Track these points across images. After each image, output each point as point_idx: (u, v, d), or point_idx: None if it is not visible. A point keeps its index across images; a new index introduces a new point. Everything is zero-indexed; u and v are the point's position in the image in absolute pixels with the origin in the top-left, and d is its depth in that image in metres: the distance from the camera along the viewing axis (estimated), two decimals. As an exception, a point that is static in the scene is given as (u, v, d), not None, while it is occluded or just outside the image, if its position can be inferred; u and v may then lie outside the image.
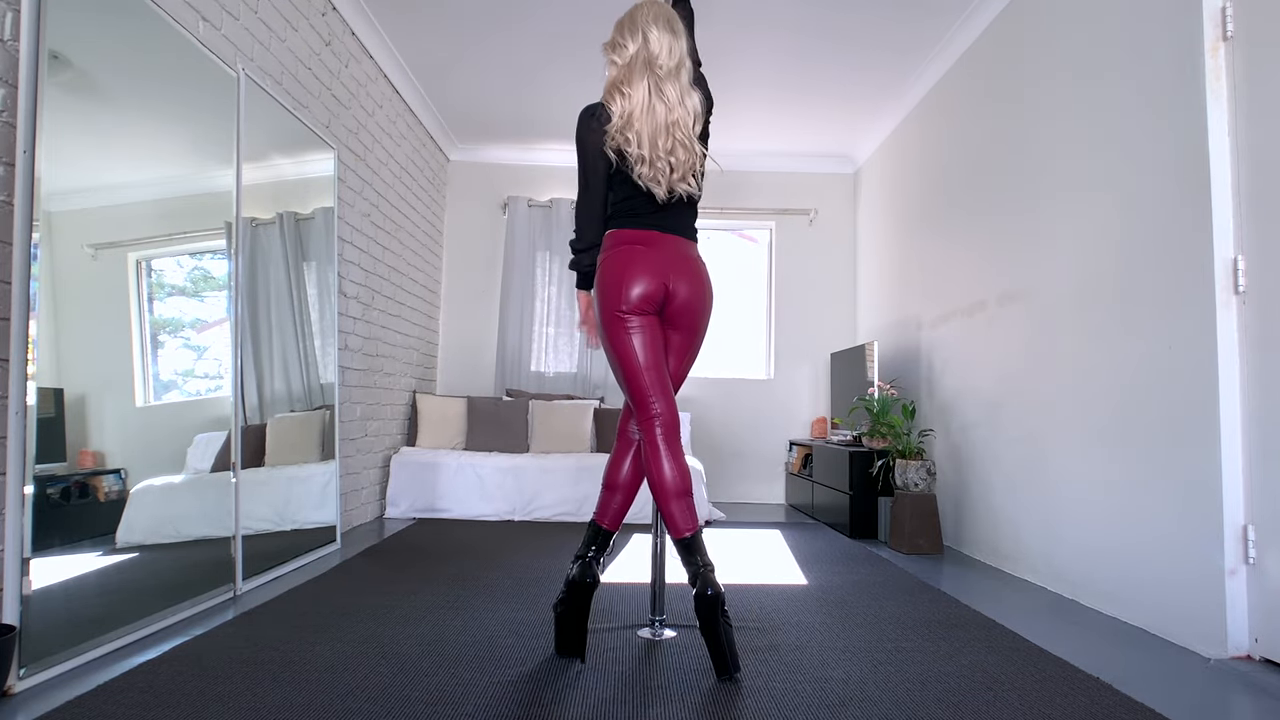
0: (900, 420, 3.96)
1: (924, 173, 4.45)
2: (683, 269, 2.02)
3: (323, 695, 1.72)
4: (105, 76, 2.14)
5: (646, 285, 1.97)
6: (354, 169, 3.95)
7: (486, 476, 4.50)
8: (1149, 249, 2.47)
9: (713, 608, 1.81)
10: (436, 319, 5.71)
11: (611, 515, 2.10)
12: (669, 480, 1.94)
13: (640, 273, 1.97)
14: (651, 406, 1.98)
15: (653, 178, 1.96)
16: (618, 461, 2.13)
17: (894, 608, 2.58)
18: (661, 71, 1.95)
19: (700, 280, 2.06)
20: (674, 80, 1.95)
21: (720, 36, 4.01)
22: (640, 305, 1.98)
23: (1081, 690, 1.83)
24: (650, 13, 2.00)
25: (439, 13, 3.88)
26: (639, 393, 1.99)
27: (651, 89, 1.93)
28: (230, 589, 2.60)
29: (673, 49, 1.97)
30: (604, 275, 2.01)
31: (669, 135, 1.94)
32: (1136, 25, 2.55)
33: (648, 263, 1.98)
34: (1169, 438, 2.36)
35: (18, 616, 1.75)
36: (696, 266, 2.07)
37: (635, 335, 1.98)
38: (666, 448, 1.96)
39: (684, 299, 2.03)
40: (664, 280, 1.99)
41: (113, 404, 2.16)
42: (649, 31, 1.96)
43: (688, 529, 1.92)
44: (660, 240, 2.02)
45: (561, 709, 1.67)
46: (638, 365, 1.98)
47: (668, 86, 1.94)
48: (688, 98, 1.96)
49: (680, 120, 1.94)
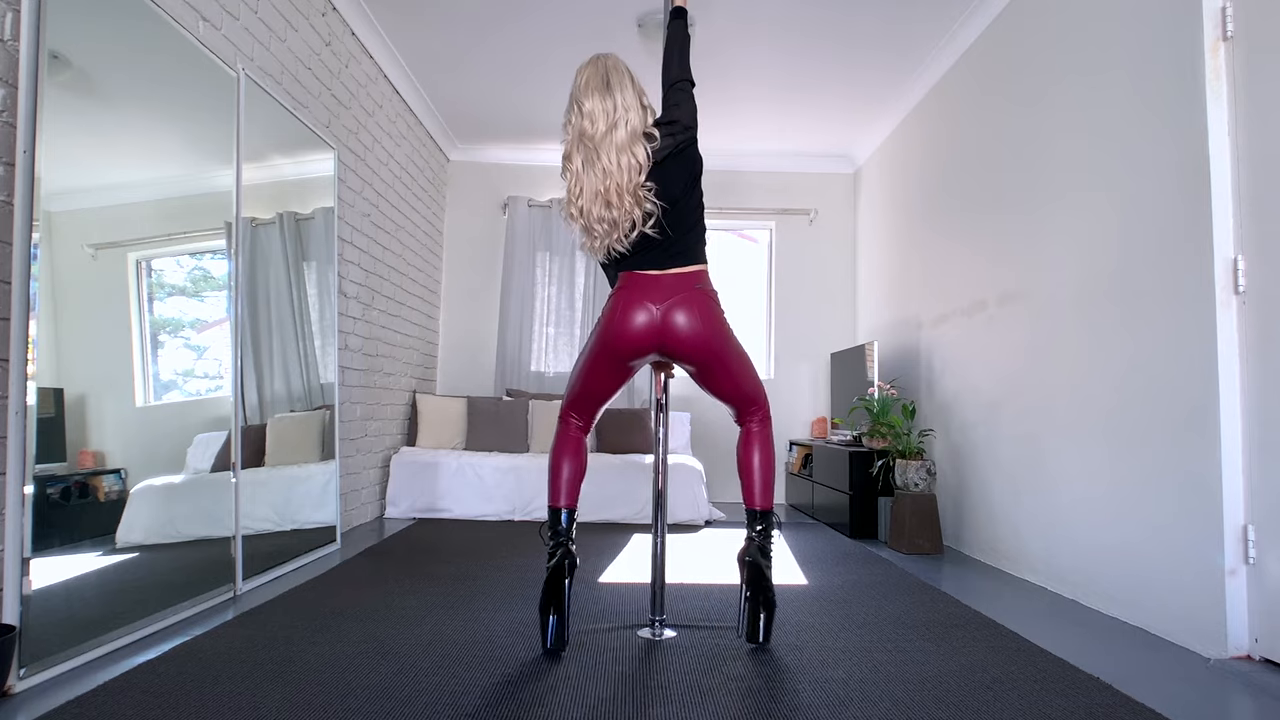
0: (900, 420, 3.96)
1: (924, 172, 4.45)
2: (680, 307, 2.08)
3: (323, 695, 1.72)
4: (105, 76, 2.14)
5: (640, 330, 2.08)
6: (354, 169, 3.95)
7: (486, 476, 4.50)
8: (1149, 249, 2.47)
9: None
10: (436, 319, 5.71)
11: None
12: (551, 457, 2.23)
13: (635, 319, 2.08)
14: (573, 418, 2.24)
15: (591, 246, 2.10)
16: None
17: (894, 608, 2.58)
18: (593, 141, 2.04)
19: (694, 313, 2.09)
20: (607, 144, 2.03)
21: (721, 36, 4.01)
22: (629, 353, 2.11)
23: (1081, 690, 1.83)
24: (584, 78, 2.11)
25: (439, 13, 3.88)
26: (572, 402, 2.23)
27: (587, 162, 2.04)
28: (230, 589, 2.60)
29: (605, 113, 2.04)
30: (607, 310, 2.14)
31: (604, 201, 2.02)
32: (1136, 25, 2.55)
33: (639, 315, 2.07)
34: (1169, 437, 2.36)
35: (18, 616, 1.75)
36: (689, 300, 2.09)
37: (600, 368, 2.15)
38: (574, 442, 2.23)
39: (684, 336, 2.09)
40: (656, 330, 2.08)
41: (113, 404, 2.16)
42: (582, 103, 2.07)
43: (551, 503, 2.17)
44: (648, 281, 2.09)
45: (561, 709, 1.67)
46: (584, 386, 2.19)
47: (601, 153, 2.02)
48: (624, 156, 2.02)
49: (615, 185, 2.01)
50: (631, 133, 2.04)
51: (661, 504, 2.31)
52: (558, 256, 5.74)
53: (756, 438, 2.23)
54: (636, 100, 2.09)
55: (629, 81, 2.10)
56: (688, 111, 2.19)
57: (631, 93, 2.09)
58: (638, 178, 2.02)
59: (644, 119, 2.08)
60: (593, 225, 2.04)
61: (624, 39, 4.05)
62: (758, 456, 2.21)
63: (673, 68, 2.28)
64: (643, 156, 2.03)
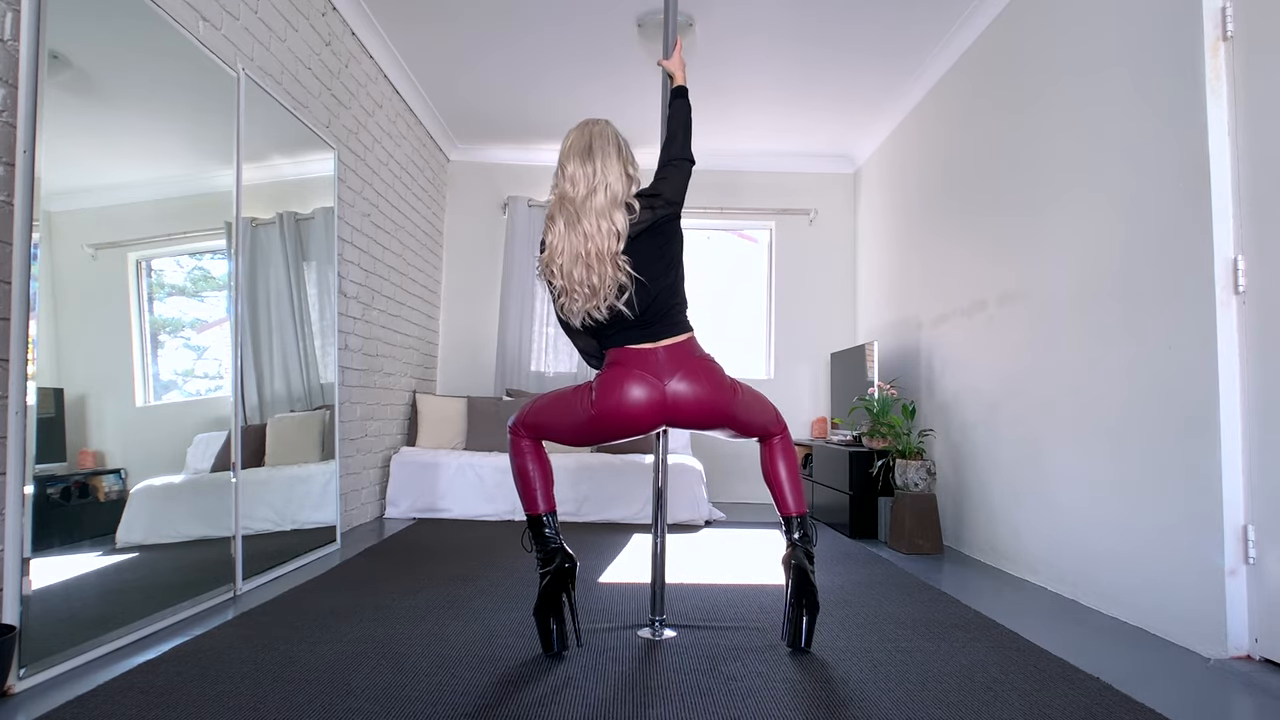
0: (900, 420, 3.96)
1: (924, 172, 4.45)
2: (679, 383, 2.06)
3: (323, 695, 1.72)
4: (105, 76, 2.14)
5: (643, 419, 2.05)
6: (354, 169, 3.95)
7: (486, 476, 4.50)
8: (1149, 249, 2.47)
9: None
10: (436, 319, 5.71)
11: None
12: (515, 466, 2.18)
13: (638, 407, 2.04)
14: (525, 434, 2.17)
15: (570, 309, 2.06)
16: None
17: (894, 608, 2.58)
18: (574, 205, 2.03)
19: (700, 383, 2.07)
20: (587, 208, 2.02)
21: (721, 36, 4.01)
22: (630, 433, 2.09)
23: (1081, 690, 1.83)
24: (569, 143, 2.11)
25: (439, 13, 3.88)
26: (534, 429, 2.16)
27: (568, 224, 2.03)
28: (230, 589, 2.60)
29: (585, 178, 2.04)
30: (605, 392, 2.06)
31: (584, 265, 2.01)
32: (1136, 25, 2.55)
33: (644, 394, 2.04)
34: (1169, 437, 2.36)
35: (18, 616, 1.75)
36: (693, 371, 2.08)
37: (588, 435, 2.11)
38: (534, 447, 2.18)
39: (693, 408, 2.07)
40: (662, 407, 2.05)
41: (113, 404, 2.16)
42: (565, 167, 2.08)
43: (530, 510, 2.15)
44: (648, 358, 2.06)
45: (561, 709, 1.67)
46: (557, 434, 2.14)
47: (583, 217, 2.02)
48: (603, 220, 2.01)
49: (595, 249, 2.00)
50: (611, 199, 2.03)
51: (661, 504, 2.31)
52: (558, 256, 5.73)
53: (777, 449, 2.25)
54: (621, 169, 2.07)
55: (614, 150, 2.09)
56: (673, 186, 2.15)
57: (615, 161, 2.07)
58: (616, 245, 2.01)
59: (626, 188, 2.06)
60: (574, 288, 2.02)
61: (624, 39, 4.05)
62: (783, 465, 2.23)
63: (673, 146, 2.23)
64: (621, 224, 2.01)
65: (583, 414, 2.07)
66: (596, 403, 2.05)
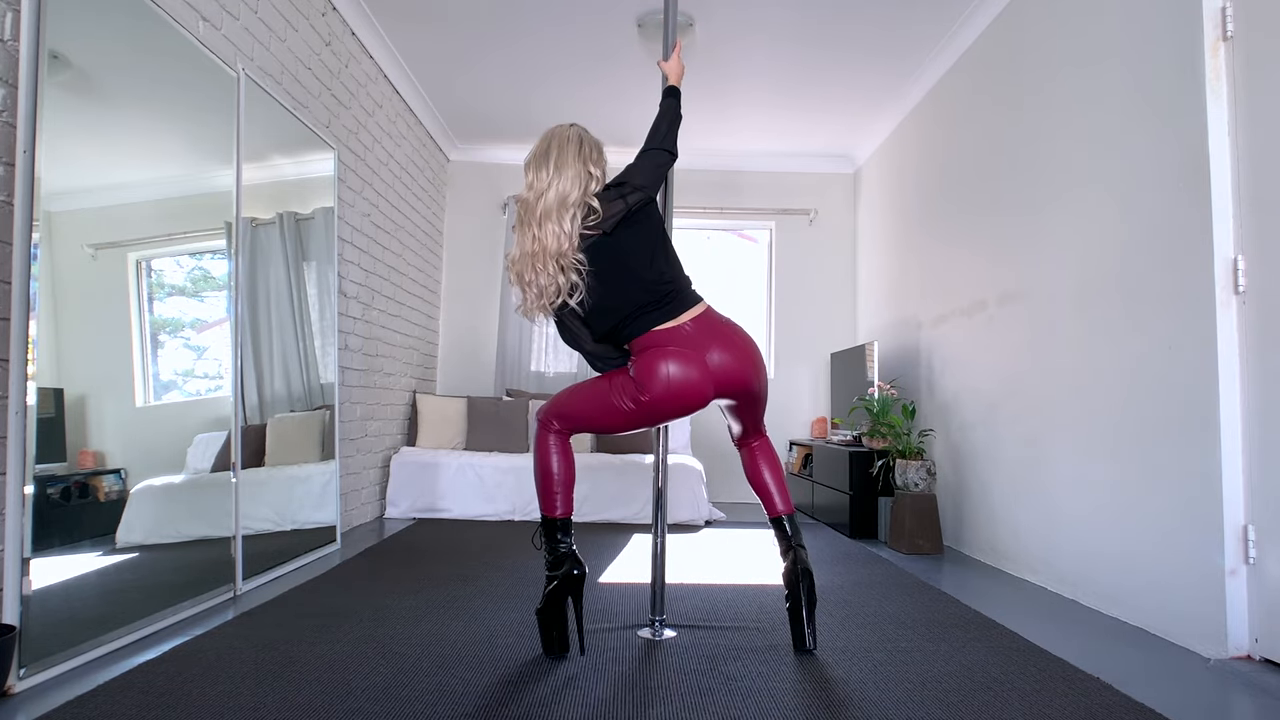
0: (900, 420, 3.96)
1: (924, 172, 4.45)
2: (724, 352, 2.04)
3: (323, 695, 1.72)
4: (105, 76, 2.14)
5: (697, 397, 2.03)
6: (354, 169, 3.95)
7: (486, 476, 4.50)
8: (1149, 249, 2.47)
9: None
10: (436, 319, 5.71)
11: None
12: (538, 463, 2.13)
13: (691, 385, 2.01)
14: (555, 424, 2.12)
15: (525, 310, 2.10)
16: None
17: (894, 608, 2.58)
18: (528, 209, 2.07)
19: (732, 343, 2.07)
20: (537, 212, 2.05)
21: (721, 36, 4.01)
22: (684, 413, 2.06)
23: (1081, 690, 1.83)
24: (532, 150, 2.14)
25: (439, 13, 3.88)
26: (567, 420, 2.11)
27: (522, 228, 2.08)
28: (230, 589, 2.60)
29: (539, 182, 2.06)
30: (652, 375, 2.01)
31: (531, 266, 2.04)
32: (1136, 25, 2.55)
33: (693, 371, 2.01)
34: (1169, 437, 2.36)
35: (18, 616, 1.75)
36: (723, 332, 2.07)
37: (636, 422, 2.07)
38: (562, 445, 2.13)
39: (735, 368, 2.06)
40: (706, 374, 2.02)
41: (113, 404, 2.16)
42: (526, 173, 2.12)
43: (547, 512, 2.09)
44: (675, 334, 2.04)
45: (561, 709, 1.68)
46: (595, 424, 2.11)
47: (532, 222, 2.05)
48: (550, 223, 2.02)
49: (541, 250, 2.02)
50: (560, 200, 2.03)
51: (661, 504, 2.31)
52: (558, 256, 5.73)
53: (762, 452, 2.29)
54: (579, 168, 2.06)
55: (573, 151, 2.08)
56: (642, 172, 2.15)
57: (573, 162, 2.06)
58: (565, 245, 2.01)
59: (582, 187, 2.05)
60: (524, 288, 2.06)
61: (624, 39, 4.05)
62: (772, 466, 2.28)
63: (655, 136, 2.25)
64: (568, 226, 2.01)
65: (630, 405, 2.02)
66: (647, 390, 1.99)
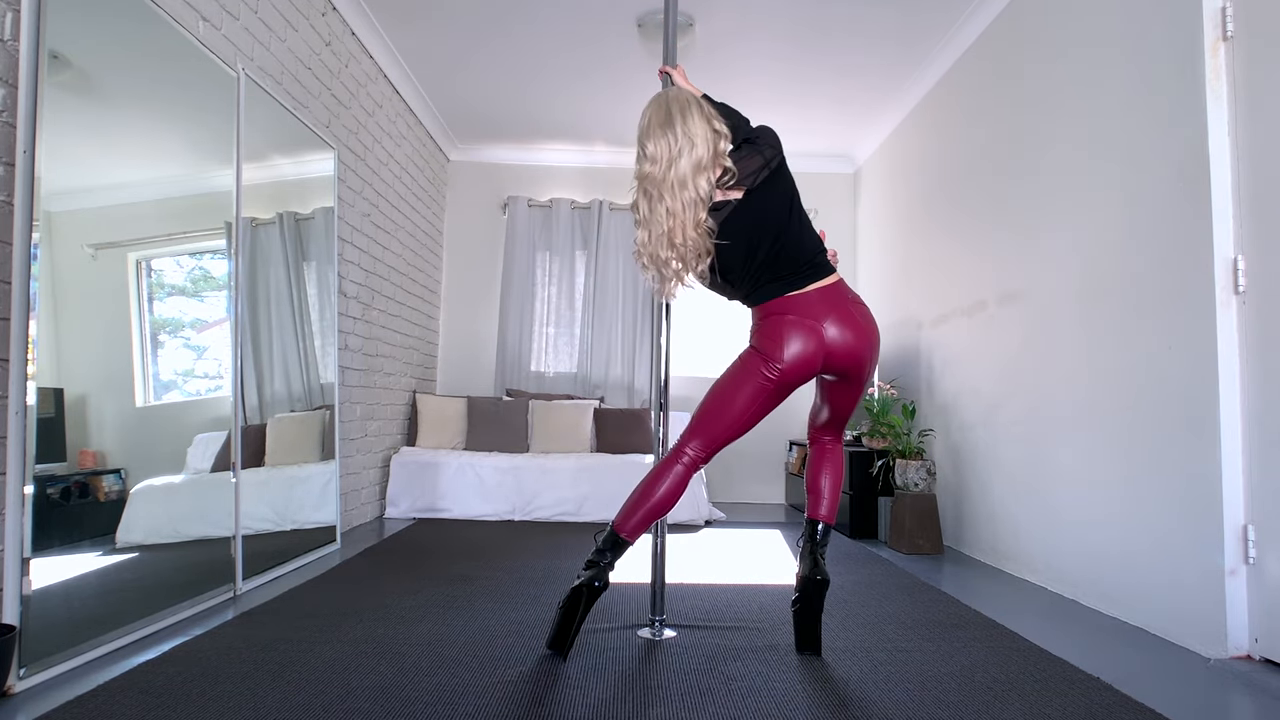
0: (900, 420, 3.96)
1: (924, 172, 4.45)
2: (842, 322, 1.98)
3: (323, 695, 1.72)
4: (105, 76, 2.14)
5: (810, 363, 1.97)
6: (354, 169, 3.95)
7: (486, 476, 4.50)
8: (1149, 249, 2.47)
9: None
10: (436, 319, 5.71)
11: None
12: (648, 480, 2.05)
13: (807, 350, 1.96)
14: (689, 450, 2.05)
15: (664, 291, 2.03)
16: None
17: (894, 608, 2.58)
18: (654, 183, 1.95)
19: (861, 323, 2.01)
20: (669, 183, 1.94)
21: (721, 36, 4.01)
22: (802, 379, 2.00)
23: (1081, 690, 1.83)
24: (647, 119, 2.01)
25: (439, 12, 3.88)
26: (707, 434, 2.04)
27: (654, 203, 1.95)
28: (230, 589, 2.60)
29: (668, 147, 1.94)
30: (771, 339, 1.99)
31: (667, 242, 1.95)
32: (1136, 25, 2.55)
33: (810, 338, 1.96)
34: (1169, 437, 2.36)
35: (18, 616, 1.75)
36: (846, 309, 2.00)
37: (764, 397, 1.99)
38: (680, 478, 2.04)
39: (852, 347, 1.99)
40: (821, 345, 1.97)
41: (113, 404, 2.16)
42: (645, 145, 1.98)
43: (618, 528, 2.00)
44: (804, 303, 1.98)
45: (561, 709, 1.67)
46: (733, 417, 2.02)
47: (665, 195, 1.94)
48: (684, 191, 1.93)
49: (680, 224, 1.93)
50: (695, 163, 1.93)
51: (661, 504, 2.30)
52: (558, 256, 5.74)
53: (831, 455, 2.24)
54: (705, 126, 1.95)
55: (695, 109, 1.97)
56: (767, 135, 2.06)
57: (698, 120, 1.95)
58: (702, 213, 1.93)
59: (713, 145, 1.95)
60: (661, 269, 1.97)
61: (624, 39, 4.05)
62: (834, 472, 2.23)
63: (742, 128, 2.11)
64: (704, 190, 1.93)
65: (762, 380, 1.97)
66: (777, 357, 1.95)
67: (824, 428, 2.25)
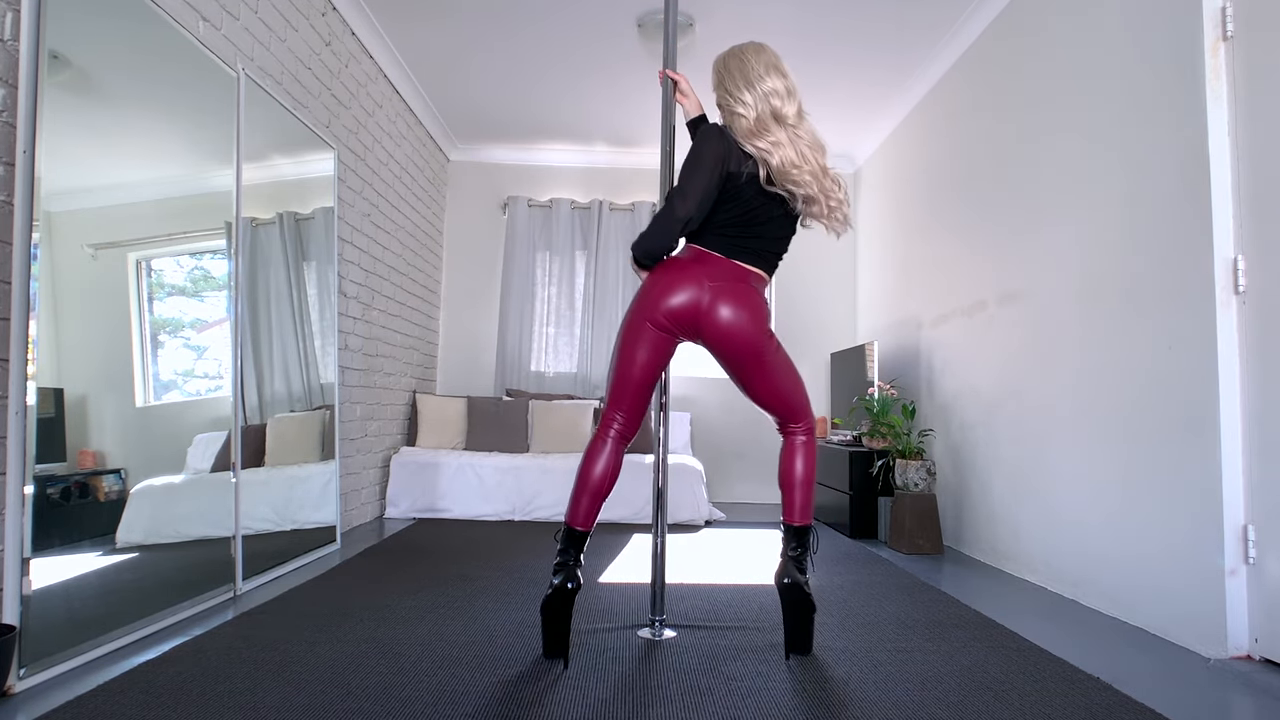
0: (900, 420, 3.96)
1: (924, 172, 4.45)
2: (729, 296, 2.02)
3: (323, 695, 1.72)
4: (105, 76, 2.14)
5: (682, 302, 2.01)
6: (354, 169, 3.95)
7: (486, 476, 4.50)
8: (1149, 249, 2.47)
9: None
10: (436, 319, 5.71)
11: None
12: (581, 467, 2.09)
13: (682, 289, 2.02)
14: (615, 420, 2.09)
15: (819, 213, 2.09)
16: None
17: (894, 608, 2.58)
18: (791, 121, 2.08)
19: (746, 309, 2.04)
20: (801, 124, 2.10)
21: (721, 36, 4.01)
22: (667, 321, 2.03)
23: (1081, 690, 1.83)
24: (760, 56, 2.11)
25: (439, 13, 3.88)
26: (613, 392, 2.10)
27: (791, 140, 2.05)
28: (230, 589, 2.60)
29: (790, 93, 2.10)
30: (652, 279, 2.07)
31: (817, 184, 2.06)
32: (1136, 25, 2.55)
33: (695, 282, 2.02)
34: (1169, 437, 2.36)
35: (18, 616, 1.75)
36: (747, 295, 2.05)
37: (642, 347, 2.05)
38: (612, 454, 2.08)
39: (724, 327, 2.02)
40: (698, 303, 2.01)
41: (113, 404, 2.16)
42: (764, 79, 2.08)
43: (570, 520, 2.05)
44: (723, 266, 2.05)
45: (562, 709, 1.67)
46: (622, 367, 2.07)
47: (803, 133, 2.09)
48: (814, 135, 2.12)
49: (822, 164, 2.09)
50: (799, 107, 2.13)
51: (661, 504, 2.31)
52: (558, 256, 5.74)
53: (801, 449, 2.18)
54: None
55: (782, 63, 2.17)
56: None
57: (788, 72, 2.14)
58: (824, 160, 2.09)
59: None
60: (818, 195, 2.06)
61: (624, 39, 4.05)
62: (802, 468, 2.16)
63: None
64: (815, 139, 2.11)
65: (634, 314, 2.05)
66: (644, 291, 2.04)
67: (779, 422, 2.24)
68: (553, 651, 1.98)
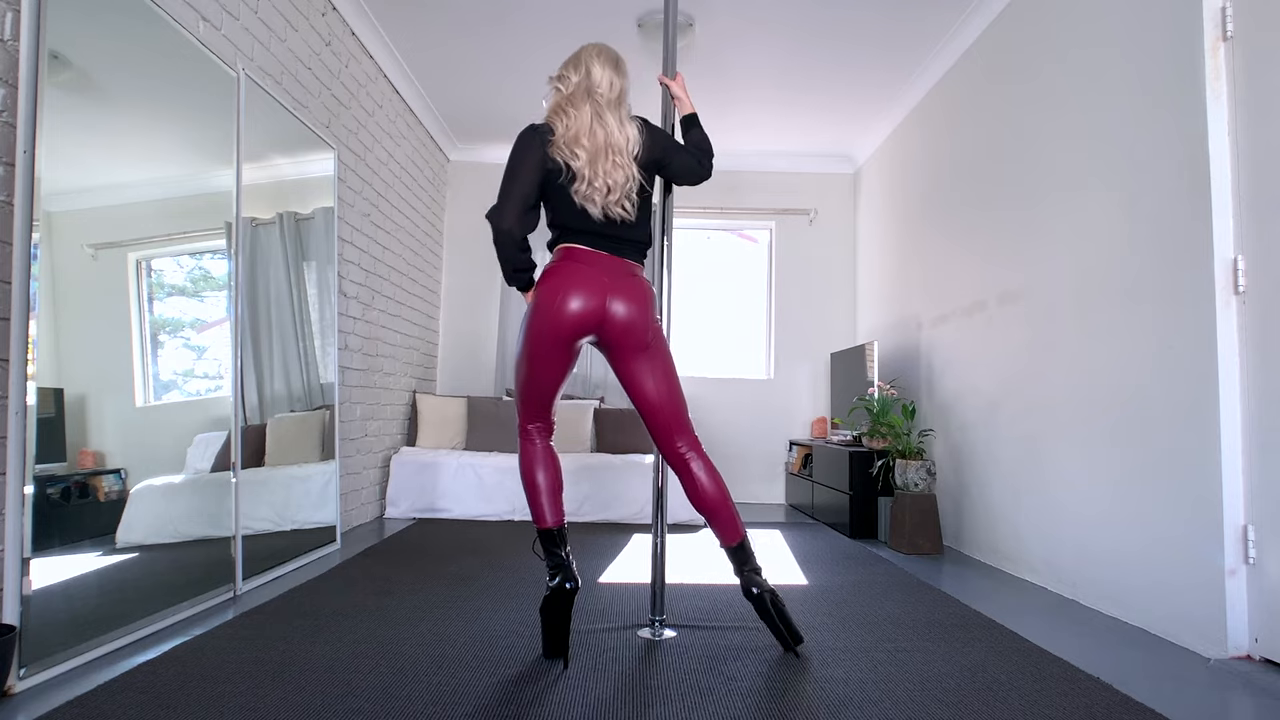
0: (900, 420, 3.96)
1: (924, 172, 4.45)
2: (621, 290, 2.05)
3: (323, 695, 1.72)
4: (105, 76, 2.14)
5: (582, 307, 2.03)
6: (354, 169, 3.95)
7: (486, 476, 4.50)
8: (1149, 249, 2.47)
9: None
10: (436, 319, 5.71)
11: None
12: (524, 475, 2.25)
13: (577, 294, 2.03)
14: (532, 427, 2.22)
15: (588, 195, 2.06)
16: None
17: (894, 608, 2.58)
18: (601, 100, 2.09)
19: (639, 300, 2.07)
20: (614, 110, 2.10)
21: (721, 36, 4.01)
22: (571, 332, 2.05)
23: (1081, 690, 1.83)
24: (595, 50, 2.16)
25: (439, 13, 3.88)
26: (525, 404, 2.20)
27: (593, 114, 2.07)
28: (230, 589, 2.60)
29: (613, 83, 2.12)
30: (542, 290, 2.07)
31: (608, 157, 2.05)
32: (1136, 25, 2.55)
33: (586, 283, 2.04)
34: (1169, 437, 2.36)
35: (18, 616, 1.75)
36: (636, 286, 2.08)
37: (550, 362, 2.11)
38: (544, 453, 2.22)
39: (623, 321, 2.05)
40: (601, 303, 2.03)
41: (113, 404, 2.16)
42: (591, 66, 2.12)
43: (539, 524, 2.14)
44: (600, 260, 2.08)
45: (562, 709, 1.68)
46: (531, 381, 2.15)
47: (607, 114, 2.08)
48: (626, 126, 2.09)
49: (617, 144, 2.06)
50: (627, 112, 2.13)
51: (661, 504, 2.31)
52: (558, 256, 5.74)
53: (702, 471, 2.11)
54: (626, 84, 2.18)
55: (627, 76, 2.20)
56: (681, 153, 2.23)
57: (625, 74, 2.17)
58: (636, 149, 2.08)
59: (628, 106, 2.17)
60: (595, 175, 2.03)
61: (624, 39, 4.05)
62: (713, 489, 2.10)
63: (705, 145, 2.31)
64: (634, 134, 2.09)
65: (533, 333, 2.07)
66: (541, 308, 2.04)
67: (664, 443, 2.15)
68: (553, 651, 1.99)
